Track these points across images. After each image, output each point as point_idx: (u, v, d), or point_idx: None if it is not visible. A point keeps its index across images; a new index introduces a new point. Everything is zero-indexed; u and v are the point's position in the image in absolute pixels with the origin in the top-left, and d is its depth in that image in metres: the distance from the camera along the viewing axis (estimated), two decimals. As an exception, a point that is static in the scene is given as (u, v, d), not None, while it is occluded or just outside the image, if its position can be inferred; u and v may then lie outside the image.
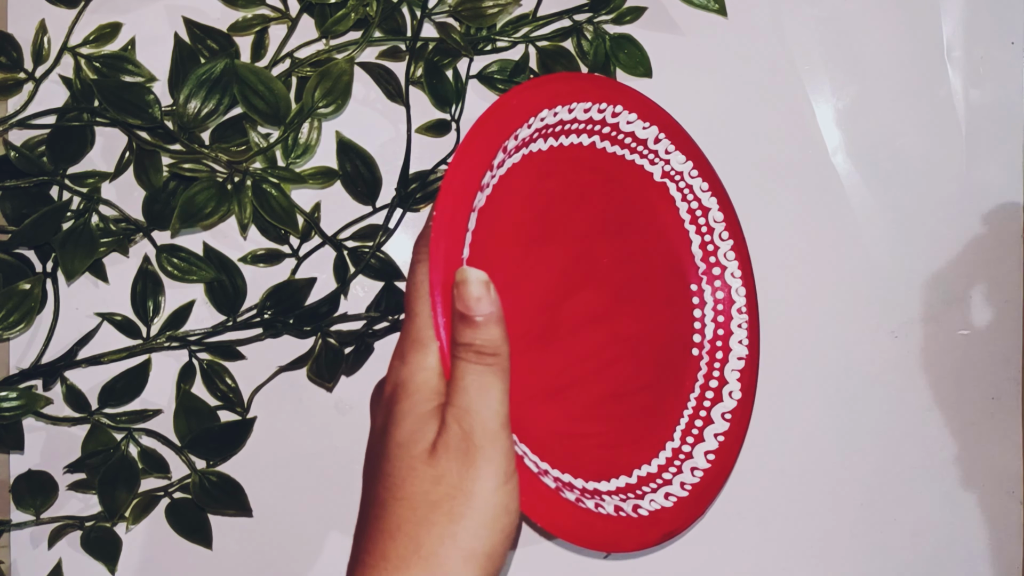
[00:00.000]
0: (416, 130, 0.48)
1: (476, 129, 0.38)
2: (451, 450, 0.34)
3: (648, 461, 0.45)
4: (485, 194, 0.40)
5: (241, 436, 0.47)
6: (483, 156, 0.38)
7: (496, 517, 0.34)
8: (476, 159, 0.38)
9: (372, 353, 0.48)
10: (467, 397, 0.34)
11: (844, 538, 0.51)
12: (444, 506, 0.33)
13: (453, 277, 0.35)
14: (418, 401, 0.35)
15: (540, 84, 0.41)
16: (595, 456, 0.43)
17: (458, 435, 0.34)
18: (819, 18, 0.51)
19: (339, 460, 0.47)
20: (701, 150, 0.47)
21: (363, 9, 0.45)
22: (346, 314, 0.47)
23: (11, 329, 0.43)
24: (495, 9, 0.46)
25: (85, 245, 0.44)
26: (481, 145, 0.38)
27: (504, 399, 0.35)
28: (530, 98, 0.40)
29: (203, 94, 0.43)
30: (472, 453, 0.34)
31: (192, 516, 0.47)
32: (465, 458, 0.34)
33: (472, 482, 0.34)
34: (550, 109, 0.41)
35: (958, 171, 0.52)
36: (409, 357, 0.35)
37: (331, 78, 0.44)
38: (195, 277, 0.46)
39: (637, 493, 0.43)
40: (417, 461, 0.34)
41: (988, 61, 0.52)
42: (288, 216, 0.44)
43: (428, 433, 0.34)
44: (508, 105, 0.39)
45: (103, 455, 0.45)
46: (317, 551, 0.49)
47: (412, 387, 0.35)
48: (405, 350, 0.36)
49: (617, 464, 0.44)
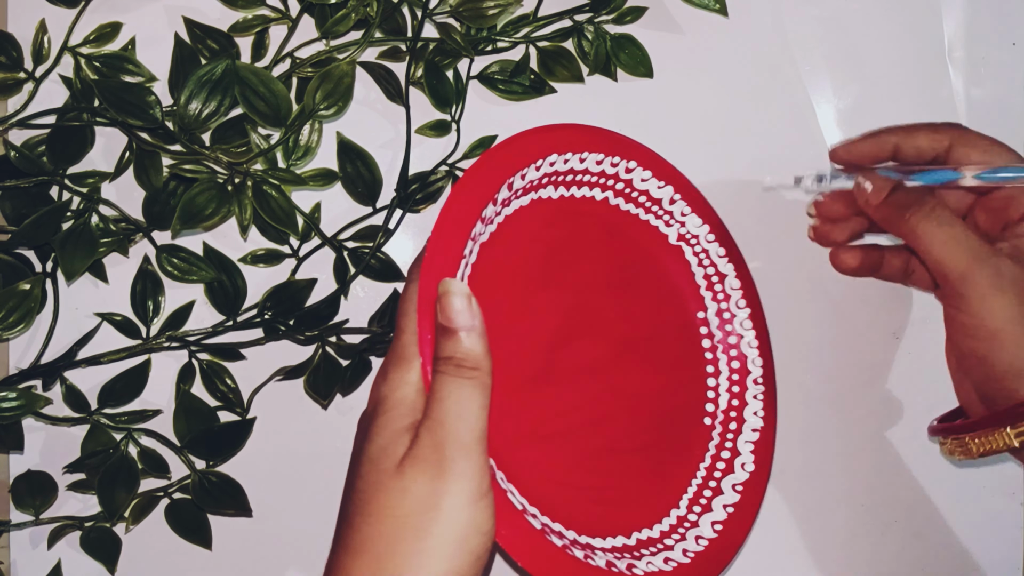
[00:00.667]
0: (416, 130, 0.48)
1: (482, 161, 0.38)
2: (420, 462, 0.32)
3: (649, 525, 0.44)
4: (489, 229, 0.40)
5: (241, 436, 0.47)
6: (487, 186, 0.38)
7: (466, 537, 0.32)
8: (479, 188, 0.38)
9: (370, 372, 0.48)
10: (442, 409, 0.33)
11: (845, 539, 0.51)
12: (411, 521, 0.32)
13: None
14: (394, 416, 0.34)
15: (551, 129, 0.41)
16: (589, 510, 0.42)
17: (429, 447, 0.32)
18: (820, 18, 0.51)
19: (339, 461, 0.47)
20: (717, 213, 0.47)
21: (363, 10, 0.45)
22: (347, 322, 0.47)
23: (11, 329, 0.43)
24: (496, 9, 0.46)
25: (85, 245, 0.44)
26: (485, 176, 0.38)
27: (482, 415, 0.33)
28: (539, 140, 0.40)
29: (204, 95, 0.42)
30: (443, 465, 0.32)
31: (192, 516, 0.47)
32: (435, 471, 0.32)
33: (441, 496, 0.32)
34: (560, 155, 0.41)
35: (959, 172, 0.52)
36: (391, 374, 0.35)
37: (332, 80, 0.44)
38: (195, 277, 0.46)
39: (634, 554, 0.42)
40: (385, 475, 0.33)
41: (989, 62, 0.52)
42: (288, 218, 0.44)
43: (399, 447, 0.33)
44: (515, 144, 0.39)
45: (103, 455, 0.45)
46: (317, 552, 0.49)
47: (390, 403, 0.34)
48: (388, 367, 0.35)
49: (613, 523, 0.43)
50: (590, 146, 0.43)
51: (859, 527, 0.52)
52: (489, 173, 0.38)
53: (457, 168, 0.49)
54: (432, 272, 0.35)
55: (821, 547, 0.52)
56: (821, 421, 0.51)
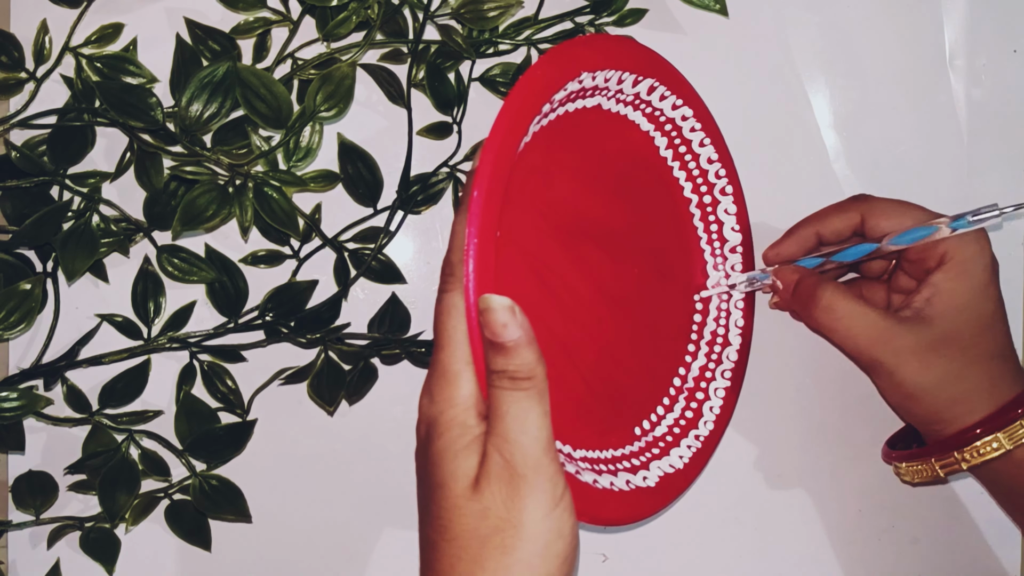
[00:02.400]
0: (418, 132, 0.48)
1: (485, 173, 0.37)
2: (494, 481, 0.33)
3: (630, 441, 0.45)
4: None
5: (241, 438, 0.47)
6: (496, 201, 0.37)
7: (549, 544, 0.33)
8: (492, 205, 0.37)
9: (376, 378, 0.48)
10: (505, 424, 0.33)
11: (841, 545, 0.52)
12: (494, 540, 0.33)
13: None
14: (452, 439, 0.34)
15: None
16: (574, 415, 0.43)
17: (500, 464, 0.33)
18: (821, 24, 0.51)
19: (338, 463, 0.47)
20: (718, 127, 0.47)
21: (364, 12, 0.45)
22: (348, 325, 0.47)
23: (12, 329, 0.43)
24: (497, 11, 0.46)
25: (86, 245, 0.44)
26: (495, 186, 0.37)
27: (544, 423, 0.34)
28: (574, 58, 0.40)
29: (205, 97, 0.42)
30: (516, 482, 0.33)
31: (191, 518, 0.47)
32: (510, 488, 0.33)
33: (520, 512, 0.33)
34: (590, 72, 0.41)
35: (959, 179, 0.52)
36: (437, 393, 0.35)
37: (333, 82, 0.44)
38: (195, 278, 0.46)
39: (605, 468, 0.43)
40: (461, 499, 0.33)
41: (990, 69, 0.52)
42: (290, 219, 0.44)
43: (468, 469, 0.34)
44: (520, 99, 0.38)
45: (104, 456, 0.45)
46: (316, 553, 0.49)
47: (442, 425, 0.34)
48: (432, 386, 0.35)
49: (597, 431, 0.43)
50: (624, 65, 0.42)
51: (855, 532, 0.52)
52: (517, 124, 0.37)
53: (459, 170, 0.49)
54: (473, 285, 0.35)
55: (817, 553, 0.52)
56: (817, 426, 0.51)
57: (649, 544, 0.51)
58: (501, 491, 0.33)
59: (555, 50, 0.39)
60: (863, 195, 0.47)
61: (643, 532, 0.51)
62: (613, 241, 0.45)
